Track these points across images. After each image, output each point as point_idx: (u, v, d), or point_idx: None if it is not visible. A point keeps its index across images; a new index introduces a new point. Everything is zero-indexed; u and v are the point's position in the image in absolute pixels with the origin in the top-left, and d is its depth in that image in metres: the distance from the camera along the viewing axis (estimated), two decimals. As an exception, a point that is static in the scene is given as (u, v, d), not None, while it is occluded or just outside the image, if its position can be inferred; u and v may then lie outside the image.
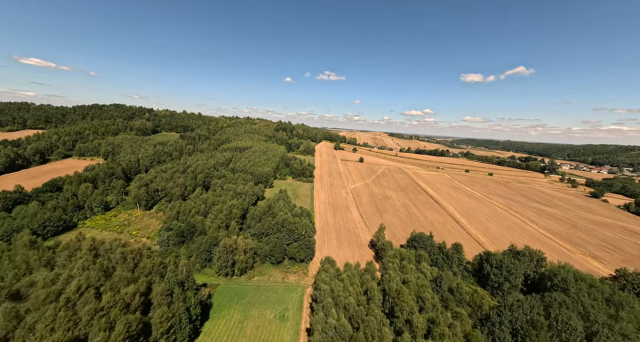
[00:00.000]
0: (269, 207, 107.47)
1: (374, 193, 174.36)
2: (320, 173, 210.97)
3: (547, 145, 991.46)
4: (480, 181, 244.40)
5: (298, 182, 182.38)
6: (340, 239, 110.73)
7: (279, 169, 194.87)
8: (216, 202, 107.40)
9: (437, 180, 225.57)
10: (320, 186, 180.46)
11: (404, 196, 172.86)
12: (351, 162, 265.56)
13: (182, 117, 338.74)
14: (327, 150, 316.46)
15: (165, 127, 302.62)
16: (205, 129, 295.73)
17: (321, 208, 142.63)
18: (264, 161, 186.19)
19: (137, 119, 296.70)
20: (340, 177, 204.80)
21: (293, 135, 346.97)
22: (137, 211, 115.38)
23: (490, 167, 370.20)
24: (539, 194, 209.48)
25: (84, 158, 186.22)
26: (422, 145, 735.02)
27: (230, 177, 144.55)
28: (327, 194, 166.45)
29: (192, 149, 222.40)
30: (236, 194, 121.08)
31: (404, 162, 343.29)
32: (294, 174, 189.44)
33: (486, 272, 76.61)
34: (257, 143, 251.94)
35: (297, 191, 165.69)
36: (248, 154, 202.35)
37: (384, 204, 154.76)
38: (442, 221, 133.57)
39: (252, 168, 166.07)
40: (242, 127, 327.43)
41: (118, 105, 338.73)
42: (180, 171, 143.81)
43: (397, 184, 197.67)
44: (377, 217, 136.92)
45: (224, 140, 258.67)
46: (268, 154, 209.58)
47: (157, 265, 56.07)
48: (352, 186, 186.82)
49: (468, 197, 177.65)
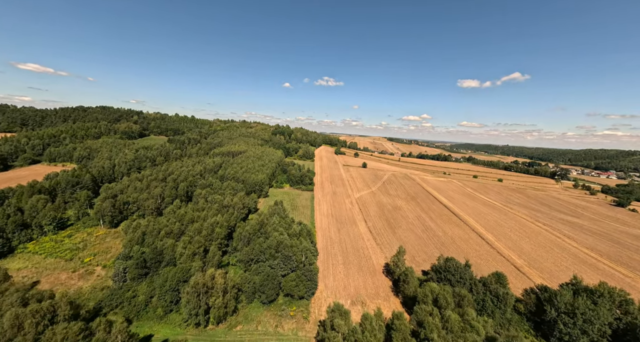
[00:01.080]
0: (261, 224, 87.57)
1: (382, 203, 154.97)
2: (321, 180, 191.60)
3: (547, 150, 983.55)
4: (492, 187, 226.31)
5: (296, 191, 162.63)
6: (348, 262, 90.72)
7: (275, 176, 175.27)
8: (196, 219, 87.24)
9: (447, 187, 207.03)
10: (322, 194, 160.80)
11: (415, 206, 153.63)
12: (354, 168, 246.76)
13: (173, 120, 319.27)
14: (327, 155, 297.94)
15: (154, 131, 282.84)
16: (197, 132, 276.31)
17: (323, 222, 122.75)
18: (259, 167, 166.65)
19: (124, 122, 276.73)
20: (344, 185, 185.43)
21: (291, 139, 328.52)
22: (99, 229, 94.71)
23: (497, 173, 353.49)
24: (559, 203, 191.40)
25: (54, 164, 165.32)
26: (422, 150, 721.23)
27: (217, 187, 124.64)
28: (330, 204, 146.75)
29: (180, 153, 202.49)
30: (222, 207, 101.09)
31: (408, 168, 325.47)
32: (292, 181, 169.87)
33: (549, 319, 57.00)
34: (252, 147, 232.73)
35: (296, 201, 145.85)
36: (241, 159, 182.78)
37: (395, 216, 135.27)
38: (464, 237, 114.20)
39: (244, 175, 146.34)
40: (237, 130, 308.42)
41: (105, 108, 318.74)
42: (159, 178, 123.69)
43: (406, 192, 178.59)
44: (389, 232, 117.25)
45: (216, 145, 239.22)
46: (263, 159, 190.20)
47: (74, 333, 35.71)
48: (357, 194, 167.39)
49: (486, 207, 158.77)
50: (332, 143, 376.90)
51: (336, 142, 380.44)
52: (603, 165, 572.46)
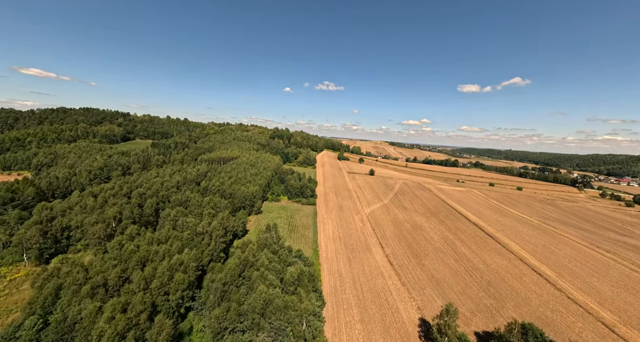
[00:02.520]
0: (244, 265, 61.51)
1: (399, 220, 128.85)
2: (324, 191, 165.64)
3: (552, 155, 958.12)
4: (517, 198, 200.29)
5: (296, 205, 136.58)
6: (367, 318, 64.28)
7: (271, 187, 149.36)
8: (151, 257, 61.13)
9: (468, 198, 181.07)
10: (326, 210, 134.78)
11: (438, 223, 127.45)
12: (360, 176, 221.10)
13: (162, 123, 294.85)
14: (329, 160, 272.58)
15: (140, 134, 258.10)
16: (187, 135, 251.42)
17: (329, 249, 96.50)
18: (251, 177, 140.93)
19: (106, 124, 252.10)
20: (351, 197, 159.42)
21: (291, 143, 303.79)
22: (22, 268, 68.47)
23: (513, 180, 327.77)
24: (600, 217, 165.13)
25: (8, 172, 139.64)
26: (426, 155, 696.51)
27: (196, 203, 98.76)
28: (336, 223, 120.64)
29: (163, 160, 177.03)
30: (195, 234, 75.06)
31: (418, 175, 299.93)
32: (291, 193, 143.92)
33: None
34: (246, 153, 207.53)
35: (295, 218, 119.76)
36: (231, 167, 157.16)
37: (417, 239, 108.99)
38: (514, 271, 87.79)
39: (232, 187, 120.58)
40: (231, 134, 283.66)
41: (88, 109, 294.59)
42: (121, 193, 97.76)
43: (424, 206, 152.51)
44: (414, 264, 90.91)
45: (206, 150, 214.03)
46: (258, 166, 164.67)
47: None
48: (367, 209, 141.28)
49: (524, 225, 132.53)
50: (334, 148, 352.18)
51: (339, 146, 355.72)
52: (614, 171, 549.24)
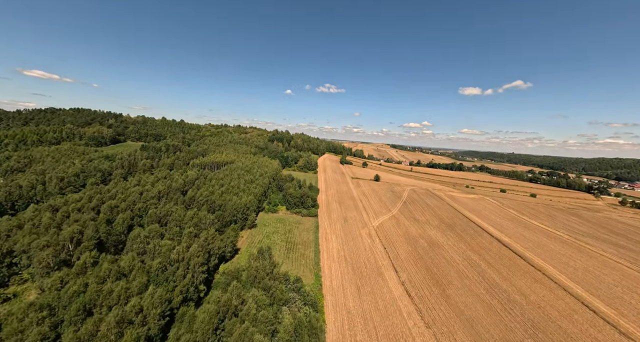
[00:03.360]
0: (224, 313, 46.29)
1: (412, 235, 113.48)
2: (326, 199, 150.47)
3: (556, 158, 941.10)
4: (535, 206, 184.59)
5: (295, 217, 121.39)
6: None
7: (268, 196, 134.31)
8: (100, 302, 45.93)
9: (483, 207, 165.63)
10: (329, 223, 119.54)
11: (457, 239, 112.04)
12: (365, 182, 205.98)
13: (156, 124, 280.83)
14: (332, 165, 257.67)
15: (131, 136, 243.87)
16: (180, 138, 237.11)
17: (333, 274, 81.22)
18: (245, 185, 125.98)
19: (95, 125, 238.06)
20: (356, 206, 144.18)
21: (290, 146, 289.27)
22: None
23: (524, 185, 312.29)
24: (630, 229, 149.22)
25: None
26: (429, 158, 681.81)
27: (177, 218, 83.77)
28: (341, 239, 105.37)
29: (151, 164, 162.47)
30: (168, 262, 60.00)
31: (424, 180, 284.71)
32: (290, 203, 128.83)
33: None
34: (242, 157, 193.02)
35: (294, 234, 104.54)
36: (224, 173, 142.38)
37: (436, 260, 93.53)
38: (559, 305, 72.16)
39: (222, 198, 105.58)
40: (227, 136, 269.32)
41: (78, 110, 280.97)
42: (90, 206, 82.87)
43: (438, 217, 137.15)
44: (437, 295, 75.47)
45: (199, 153, 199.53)
46: (254, 172, 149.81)
47: None
48: (375, 221, 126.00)
49: (553, 241, 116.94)
50: (336, 151, 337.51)
51: (341, 149, 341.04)
52: (622, 175, 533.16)
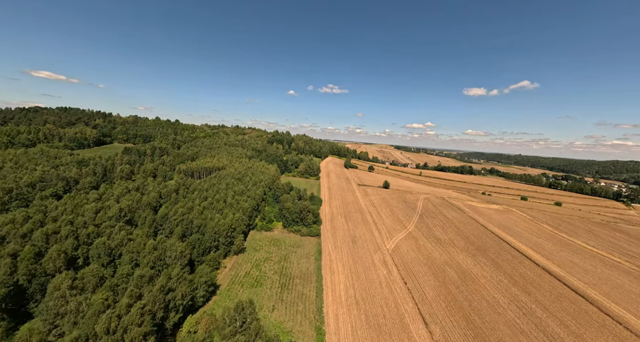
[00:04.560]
0: None
1: (436, 262, 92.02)
2: (330, 213, 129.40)
3: (566, 160, 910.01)
4: (570, 220, 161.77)
5: (294, 237, 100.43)
6: None
7: (261, 210, 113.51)
8: None
9: (512, 222, 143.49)
10: (334, 245, 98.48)
11: (493, 268, 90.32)
12: (373, 189, 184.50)
13: (147, 125, 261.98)
14: (335, 169, 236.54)
15: (118, 137, 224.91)
16: (171, 139, 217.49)
17: (342, 330, 60.14)
18: (233, 198, 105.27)
19: (80, 125, 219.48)
20: (365, 221, 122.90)
21: (291, 149, 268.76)
22: None
23: (543, 192, 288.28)
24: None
25: None
26: (435, 160, 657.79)
27: (133, 249, 63.34)
28: (349, 268, 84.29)
29: (131, 170, 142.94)
30: (90, 336, 39.27)
31: (435, 185, 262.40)
32: (287, 219, 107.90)
33: None
34: (236, 161, 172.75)
35: (290, 261, 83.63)
36: (210, 182, 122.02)
37: (475, 304, 71.95)
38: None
39: (202, 216, 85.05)
40: (223, 138, 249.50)
41: (65, 109, 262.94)
42: (18, 233, 62.70)
43: (463, 235, 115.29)
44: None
45: (189, 157, 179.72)
46: (246, 181, 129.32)
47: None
48: (389, 242, 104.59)
49: (615, 272, 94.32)
50: (340, 153, 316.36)
51: (345, 152, 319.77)
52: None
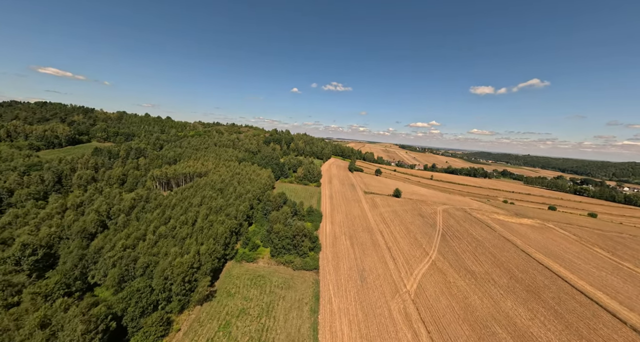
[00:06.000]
0: None
1: (478, 315, 66.82)
2: (332, 232, 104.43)
3: (580, 161, 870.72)
4: (621, 239, 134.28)
5: (283, 271, 75.68)
6: None
7: (243, 233, 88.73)
8: None
9: (556, 244, 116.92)
10: (336, 285, 73.59)
11: (560, 326, 64.68)
12: (382, 199, 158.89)
13: (132, 121, 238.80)
14: (339, 173, 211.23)
15: (98, 135, 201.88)
16: (154, 138, 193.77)
17: None
18: (207, 219, 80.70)
19: (54, 122, 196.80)
20: (376, 245, 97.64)
21: (290, 149, 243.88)
22: None
23: (569, 199, 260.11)
24: None
25: None
26: (443, 160, 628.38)
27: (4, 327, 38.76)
28: (357, 329, 59.35)
29: (92, 176, 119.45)
30: None
31: (449, 191, 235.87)
32: (277, 246, 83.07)
33: None
34: (223, 165, 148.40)
35: (276, 317, 59.03)
36: (182, 195, 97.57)
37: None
38: None
39: (153, 250, 60.70)
40: (214, 137, 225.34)
41: (45, 103, 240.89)
42: None
43: (504, 268, 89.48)
44: None
45: (169, 159, 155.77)
46: (229, 192, 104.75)
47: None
48: (409, 280, 79.21)
49: None
50: (343, 154, 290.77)
51: (349, 153, 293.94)
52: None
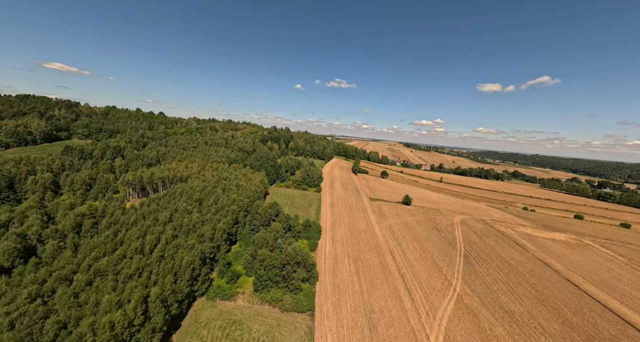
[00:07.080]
0: None
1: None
2: (333, 254, 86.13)
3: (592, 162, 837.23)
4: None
5: (268, 313, 57.66)
6: None
7: (218, 259, 70.61)
8: None
9: (602, 268, 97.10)
10: (337, 339, 55.85)
11: None
12: (390, 206, 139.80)
13: (119, 117, 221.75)
14: (341, 175, 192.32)
15: (79, 132, 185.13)
16: (137, 135, 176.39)
17: None
18: (170, 245, 62.76)
19: (31, 116, 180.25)
20: (386, 272, 79.17)
21: (288, 149, 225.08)
22: None
23: (592, 205, 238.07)
24: None
25: None
26: (448, 160, 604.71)
27: None
28: None
29: (53, 180, 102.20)
30: None
31: (462, 196, 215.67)
32: (262, 278, 64.89)
33: None
34: (209, 168, 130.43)
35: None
36: (147, 209, 79.77)
37: None
38: None
39: (78, 300, 43.05)
40: (206, 135, 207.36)
41: (27, 96, 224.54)
42: None
43: (550, 306, 70.40)
44: None
45: (150, 160, 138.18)
46: (208, 204, 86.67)
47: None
48: (432, 329, 60.97)
49: None
50: (346, 154, 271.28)
51: (353, 153, 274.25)
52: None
